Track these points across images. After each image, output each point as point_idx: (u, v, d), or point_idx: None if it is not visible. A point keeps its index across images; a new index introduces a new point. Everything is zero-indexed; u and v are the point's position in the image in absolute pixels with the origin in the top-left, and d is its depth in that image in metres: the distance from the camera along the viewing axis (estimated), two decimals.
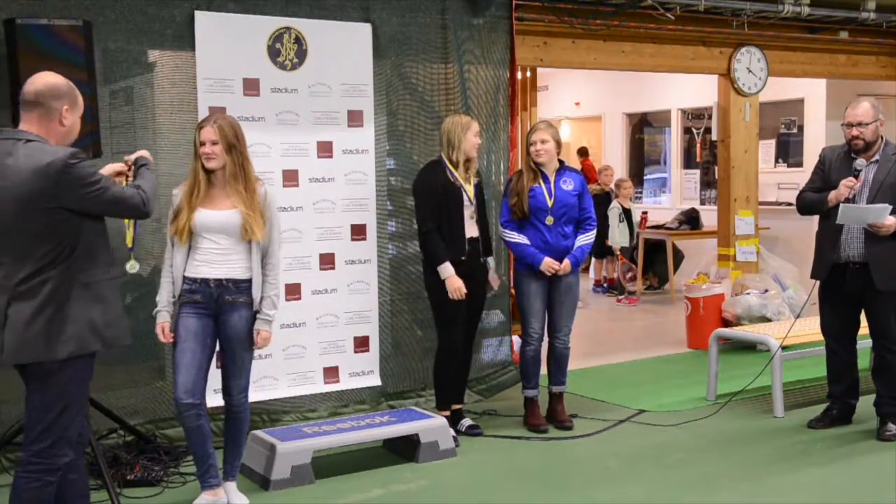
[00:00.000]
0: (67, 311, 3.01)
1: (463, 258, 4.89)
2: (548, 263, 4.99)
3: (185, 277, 3.92)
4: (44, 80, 3.07)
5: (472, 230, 4.94)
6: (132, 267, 4.02)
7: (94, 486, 3.89)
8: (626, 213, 9.64)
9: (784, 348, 5.38)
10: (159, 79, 4.80)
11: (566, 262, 5.01)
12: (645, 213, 10.45)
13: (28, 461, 3.10)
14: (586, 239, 5.10)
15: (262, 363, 5.05)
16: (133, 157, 3.59)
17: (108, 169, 3.50)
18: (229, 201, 3.89)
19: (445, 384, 5.04)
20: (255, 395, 4.91)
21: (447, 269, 4.83)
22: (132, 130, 4.79)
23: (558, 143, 5.09)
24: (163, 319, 3.93)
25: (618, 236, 9.63)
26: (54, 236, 3.00)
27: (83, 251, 3.07)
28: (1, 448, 4.36)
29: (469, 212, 4.92)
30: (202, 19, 4.82)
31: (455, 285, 4.82)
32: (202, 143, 3.87)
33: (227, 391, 4.04)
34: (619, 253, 9.81)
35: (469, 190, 4.93)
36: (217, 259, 3.89)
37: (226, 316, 3.90)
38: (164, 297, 3.95)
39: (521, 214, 5.02)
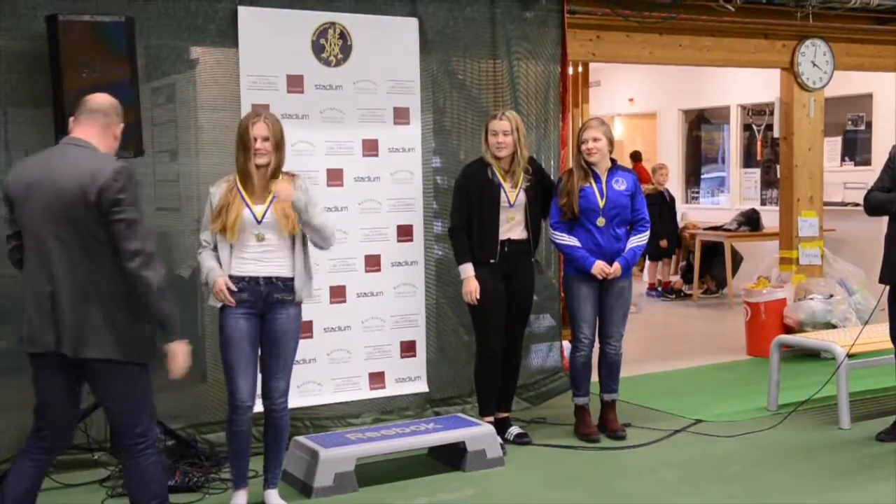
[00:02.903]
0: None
1: (492, 260, 4.76)
2: (599, 267, 4.84)
3: (230, 277, 3.86)
4: (108, 98, 3.32)
5: (510, 232, 4.79)
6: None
7: None
8: None
9: (851, 356, 5.19)
10: (202, 76, 4.79)
11: (616, 264, 4.87)
12: None
13: (136, 444, 3.26)
14: (639, 240, 4.96)
15: (306, 368, 4.99)
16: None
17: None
18: (270, 197, 3.88)
19: (484, 388, 4.93)
20: (298, 401, 4.88)
21: (466, 270, 4.76)
22: (174, 128, 4.80)
23: (611, 141, 4.94)
24: (219, 275, 3.82)
25: None
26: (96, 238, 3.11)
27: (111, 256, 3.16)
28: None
29: (507, 213, 4.77)
30: (245, 15, 4.79)
31: (468, 288, 4.74)
32: (254, 139, 3.82)
33: (266, 394, 4.00)
34: None
35: (510, 191, 4.78)
36: (266, 256, 3.87)
37: (273, 314, 3.89)
38: (215, 264, 3.85)
39: (572, 215, 4.87)
